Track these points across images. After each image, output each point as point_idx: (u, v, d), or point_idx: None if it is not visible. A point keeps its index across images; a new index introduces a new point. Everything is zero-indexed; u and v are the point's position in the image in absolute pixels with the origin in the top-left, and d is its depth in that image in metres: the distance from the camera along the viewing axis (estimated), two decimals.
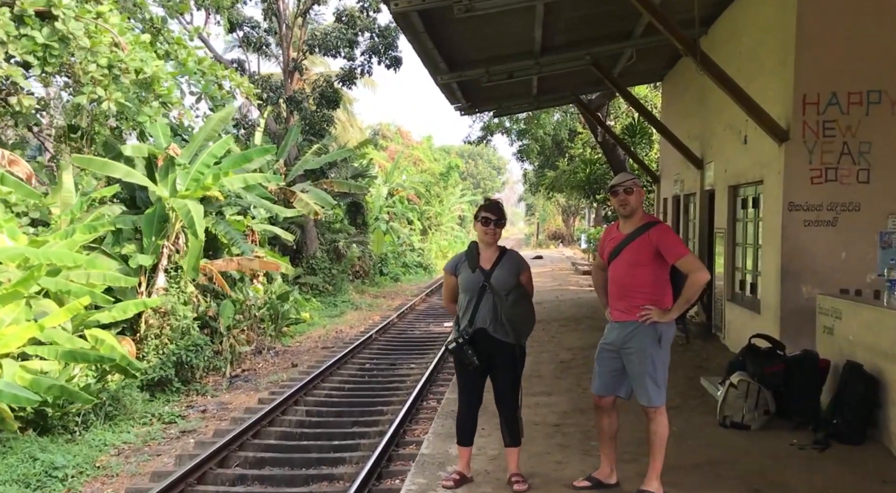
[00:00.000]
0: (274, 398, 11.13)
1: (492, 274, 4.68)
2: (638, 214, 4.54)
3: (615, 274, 4.55)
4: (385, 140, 43.06)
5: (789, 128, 7.32)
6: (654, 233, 4.43)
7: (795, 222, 7.29)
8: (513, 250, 4.92)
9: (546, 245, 50.51)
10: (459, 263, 4.82)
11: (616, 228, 4.65)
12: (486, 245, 4.79)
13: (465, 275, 4.74)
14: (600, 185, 18.36)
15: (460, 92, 12.61)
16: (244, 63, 24.53)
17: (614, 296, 4.57)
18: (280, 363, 15.23)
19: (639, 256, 4.43)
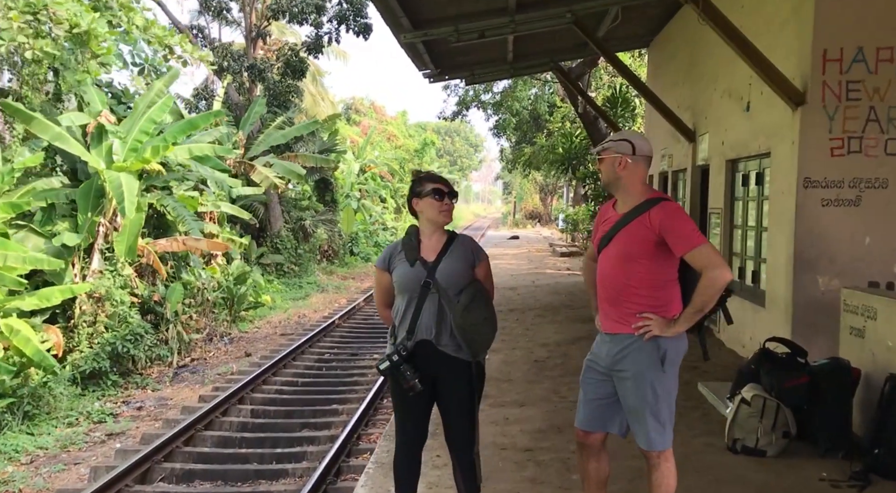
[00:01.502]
0: (216, 395, 9.97)
1: (437, 268, 3.54)
2: (633, 188, 3.37)
3: (604, 269, 3.43)
4: (358, 115, 41.62)
5: (806, 90, 6.20)
6: (656, 214, 3.25)
7: (812, 202, 6.19)
8: (464, 236, 3.77)
9: (523, 225, 49.37)
10: (393, 254, 3.66)
11: (611, 208, 3.52)
12: (433, 229, 3.65)
13: (401, 270, 3.59)
14: (580, 160, 17.26)
15: (428, 55, 11.37)
16: (204, 30, 23.01)
17: (604, 299, 3.44)
18: (233, 352, 14.06)
19: (634, 245, 3.29)
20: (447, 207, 3.60)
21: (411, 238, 3.66)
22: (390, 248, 3.73)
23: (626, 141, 3.40)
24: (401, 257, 3.62)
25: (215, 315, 15.30)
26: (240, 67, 21.78)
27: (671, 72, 11.41)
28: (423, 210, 3.62)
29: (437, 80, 13.09)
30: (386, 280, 3.67)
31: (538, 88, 26.19)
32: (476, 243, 3.76)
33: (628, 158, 3.36)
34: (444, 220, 3.61)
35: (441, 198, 3.58)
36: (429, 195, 3.59)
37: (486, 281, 3.68)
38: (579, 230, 24.15)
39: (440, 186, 3.59)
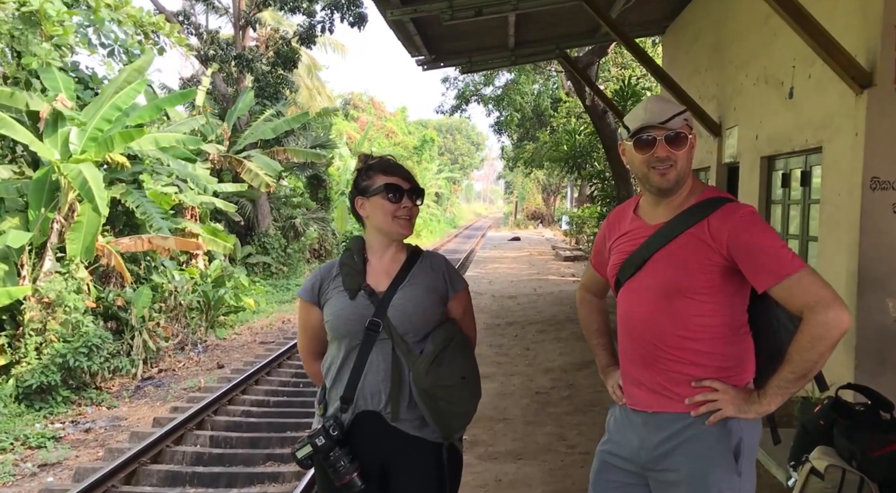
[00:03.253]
0: (174, 417, 8.79)
1: (390, 301, 2.36)
2: (685, 186, 2.22)
3: (634, 312, 2.23)
4: (357, 110, 40.40)
5: (874, 69, 4.99)
6: (722, 222, 2.09)
7: (880, 207, 4.98)
8: (434, 253, 2.60)
9: (525, 225, 48.10)
10: (326, 280, 2.48)
11: (632, 212, 2.35)
12: (385, 244, 2.46)
13: (337, 305, 2.39)
14: (585, 158, 16.03)
15: (420, 38, 10.19)
16: (191, 16, 21.82)
17: (633, 358, 2.26)
18: (205, 363, 12.89)
19: (688, 272, 2.12)
20: (407, 212, 2.40)
21: (353, 256, 2.46)
22: (322, 270, 2.53)
23: (686, 111, 2.25)
24: (337, 285, 2.43)
25: (189, 321, 14.13)
26: (227, 56, 20.61)
27: (692, 59, 10.20)
28: (371, 215, 2.43)
29: (431, 68, 11.91)
30: (314, 319, 2.47)
31: (541, 83, 24.98)
32: (450, 265, 2.57)
33: (695, 135, 2.25)
34: (400, 231, 2.42)
35: (398, 198, 2.38)
36: (379, 194, 2.39)
37: (465, 321, 2.50)
38: (584, 232, 22.92)
39: (396, 180, 2.39)
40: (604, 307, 2.64)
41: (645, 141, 2.17)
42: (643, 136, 2.18)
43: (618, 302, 2.32)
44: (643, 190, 2.31)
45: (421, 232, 39.79)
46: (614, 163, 13.57)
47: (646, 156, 2.17)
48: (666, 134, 2.15)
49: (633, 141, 2.20)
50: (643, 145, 2.18)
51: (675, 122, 2.16)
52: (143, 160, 12.72)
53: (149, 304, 12.50)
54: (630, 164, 2.27)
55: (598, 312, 2.63)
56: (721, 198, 2.19)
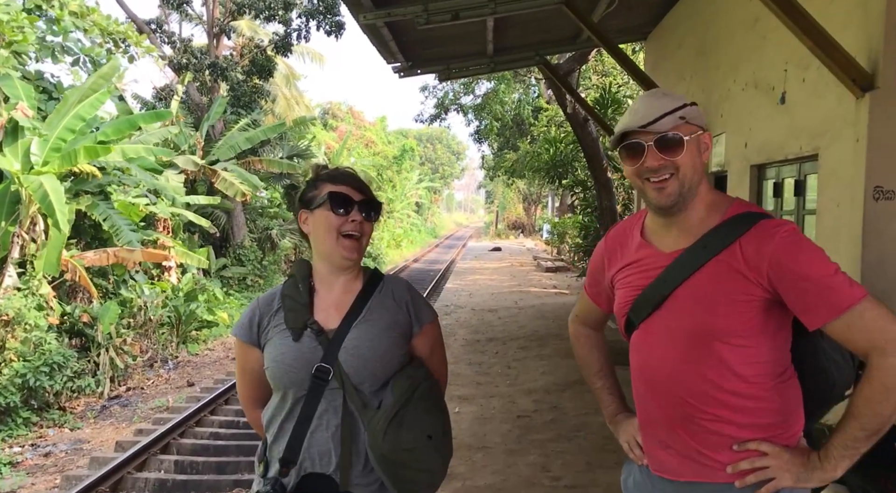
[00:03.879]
0: (137, 441, 8.34)
1: (342, 342, 1.97)
2: (698, 200, 1.83)
3: (654, 361, 1.86)
4: (335, 120, 39.96)
5: (876, 71, 4.69)
6: (760, 244, 1.72)
7: (885, 218, 4.66)
8: (396, 279, 2.19)
9: (506, 235, 47.79)
10: (265, 315, 2.07)
11: (639, 236, 1.95)
12: (336, 270, 2.07)
13: (278, 346, 1.99)
14: (566, 168, 15.72)
15: (395, 44, 9.84)
16: (163, 24, 21.36)
17: (656, 416, 1.88)
18: (175, 380, 12.42)
19: (720, 311, 1.75)
20: (356, 228, 2.00)
21: (298, 286, 2.07)
22: (261, 302, 2.11)
23: (696, 104, 1.86)
24: (278, 322, 2.03)
25: (159, 337, 13.66)
26: (201, 65, 20.16)
27: (676, 65, 9.93)
28: (314, 232, 2.05)
29: (408, 75, 11.54)
30: (253, 362, 2.07)
31: (521, 92, 24.72)
32: (415, 293, 2.17)
33: (708, 135, 1.85)
34: (344, 254, 2.01)
35: (345, 210, 1.99)
36: (322, 205, 2.00)
37: (433, 360, 2.11)
38: (566, 242, 22.61)
39: (344, 188, 2.00)
40: (604, 342, 2.26)
41: (631, 149, 1.80)
42: (628, 142, 1.81)
43: (631, 347, 1.93)
44: (648, 210, 1.93)
45: (401, 242, 39.36)
46: (596, 172, 13.27)
47: (635, 166, 1.79)
48: (656, 138, 1.76)
49: (618, 150, 1.84)
50: (630, 154, 1.81)
51: (663, 122, 1.76)
52: (109, 171, 12.24)
53: (116, 320, 12.05)
54: (626, 176, 1.90)
55: (599, 349, 2.24)
56: (752, 213, 1.78)
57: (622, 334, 1.98)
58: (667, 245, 1.86)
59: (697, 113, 1.83)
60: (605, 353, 2.24)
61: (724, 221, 1.79)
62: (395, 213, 40.70)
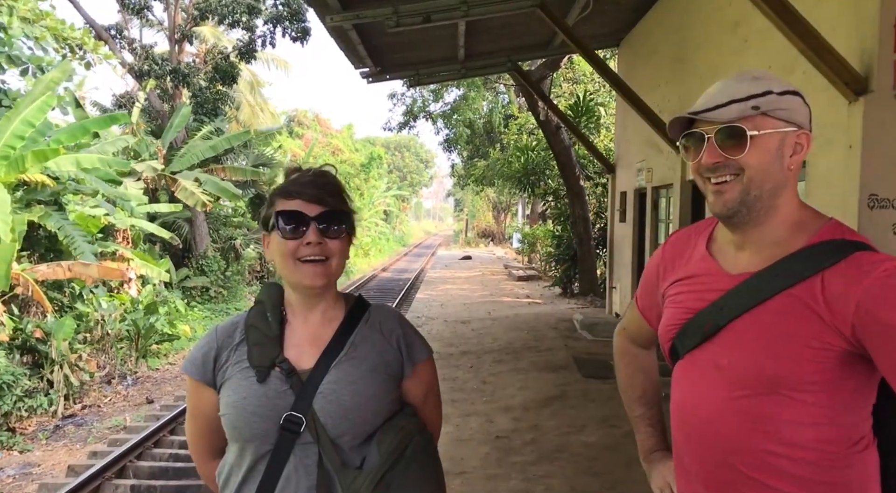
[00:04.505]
0: (91, 465, 7.88)
1: (318, 386, 1.63)
2: (779, 214, 1.50)
3: (696, 404, 1.54)
4: (301, 128, 39.49)
5: (870, 74, 4.49)
6: (849, 281, 1.37)
7: (880, 227, 4.46)
8: (383, 308, 1.82)
9: (475, 243, 47.59)
10: (224, 349, 1.70)
11: (704, 247, 1.64)
12: (311, 299, 1.72)
13: (239, 390, 1.65)
14: (539, 176, 15.52)
15: (364, 48, 9.55)
16: (123, 30, 20.80)
17: (694, 470, 1.56)
18: (134, 397, 11.91)
19: (784, 357, 1.41)
20: (316, 251, 1.63)
21: (266, 314, 1.72)
22: (220, 332, 1.75)
23: (797, 95, 1.51)
24: (240, 358, 1.68)
25: (117, 352, 13.13)
26: (163, 71, 19.65)
27: (651, 72, 9.75)
28: (273, 259, 1.70)
29: (377, 80, 11.26)
30: (207, 405, 1.72)
31: (491, 101, 24.55)
32: (407, 325, 1.80)
33: (805, 135, 1.51)
34: (304, 282, 1.66)
35: (296, 232, 1.63)
36: (278, 227, 1.66)
37: (427, 406, 1.78)
38: (537, 251, 22.41)
39: (293, 205, 1.64)
40: (653, 365, 1.93)
41: (691, 139, 1.50)
42: (689, 131, 1.51)
43: (672, 382, 1.62)
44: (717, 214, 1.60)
45: (370, 251, 38.95)
46: (569, 180, 13.08)
47: (695, 162, 1.50)
48: (717, 130, 1.45)
49: (681, 140, 1.53)
50: (688, 146, 1.52)
51: (729, 110, 1.43)
52: (64, 181, 11.74)
53: (72, 335, 11.53)
54: (692, 173, 1.59)
55: (645, 371, 1.91)
56: (847, 242, 1.44)
57: (667, 359, 1.68)
58: (734, 265, 1.54)
59: (789, 105, 1.47)
60: (653, 378, 1.92)
61: (808, 246, 1.45)
62: (363, 221, 40.28)
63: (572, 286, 15.33)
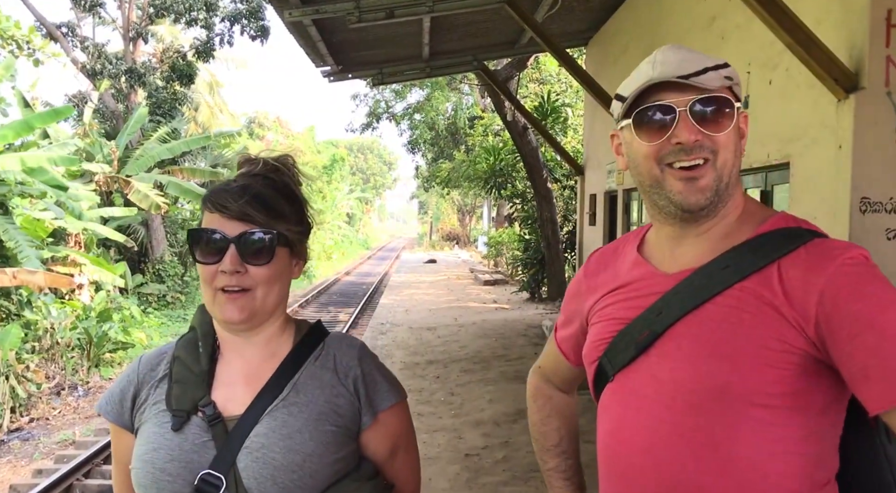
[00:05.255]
0: (35, 484, 7.40)
1: (245, 440, 1.28)
2: (732, 203, 1.25)
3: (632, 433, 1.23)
4: (262, 129, 38.86)
5: (860, 70, 4.26)
6: (811, 269, 1.13)
7: (872, 232, 4.23)
8: (342, 339, 1.43)
9: (440, 247, 47.27)
10: (143, 385, 1.37)
11: (635, 252, 1.35)
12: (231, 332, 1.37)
13: (150, 438, 1.31)
14: (506, 178, 15.26)
15: (325, 45, 9.18)
16: (75, 27, 20.13)
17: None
18: (85, 409, 11.39)
19: (740, 361, 1.13)
20: (233, 281, 1.29)
21: (198, 345, 1.38)
22: (143, 363, 1.42)
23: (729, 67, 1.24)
24: (159, 398, 1.35)
25: (68, 362, 12.59)
26: (117, 71, 19.03)
27: (621, 71, 9.47)
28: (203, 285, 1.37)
29: (339, 79, 10.90)
30: (126, 451, 1.37)
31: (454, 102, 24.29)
32: (372, 362, 1.42)
33: (745, 117, 1.27)
34: (220, 315, 1.32)
35: (211, 255, 1.30)
36: (198, 252, 1.34)
37: (396, 465, 1.43)
38: (503, 255, 22.16)
39: (213, 221, 1.31)
40: (571, 410, 1.63)
41: (655, 116, 1.20)
42: (652, 105, 1.20)
43: (599, 412, 1.33)
44: (654, 216, 1.32)
45: (332, 254, 38.42)
46: (536, 182, 12.84)
47: (657, 143, 1.20)
48: (692, 101, 1.18)
49: (632, 118, 1.23)
50: (652, 124, 1.20)
51: (709, 77, 1.18)
52: (10, 183, 11.18)
53: (19, 344, 11.03)
54: (632, 166, 1.28)
55: (561, 416, 1.60)
56: (804, 230, 1.21)
57: (591, 393, 1.37)
58: (672, 264, 1.27)
59: (739, 80, 1.25)
60: (570, 424, 1.61)
61: (760, 234, 1.21)
62: (326, 224, 39.78)
63: (540, 291, 15.10)
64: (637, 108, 1.21)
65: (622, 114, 1.25)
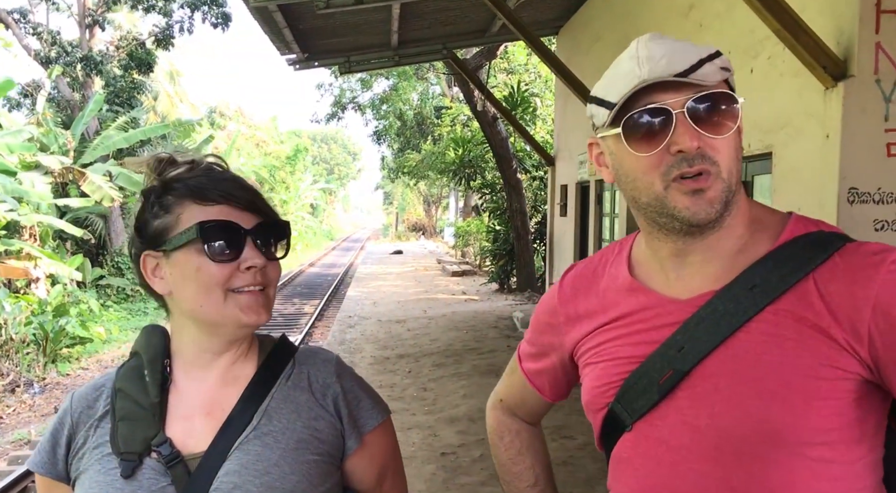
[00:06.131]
0: None
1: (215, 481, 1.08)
2: (739, 212, 1.08)
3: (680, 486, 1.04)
4: (224, 118, 38.19)
5: (849, 58, 4.16)
6: (855, 280, 0.98)
7: (861, 224, 4.13)
8: (315, 353, 1.24)
9: (406, 237, 47.04)
10: (80, 427, 1.14)
11: (627, 273, 1.17)
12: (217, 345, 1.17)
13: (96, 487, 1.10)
14: (475, 169, 15.09)
15: (290, 32, 8.92)
16: (28, 13, 19.50)
17: None
18: (42, 407, 11.05)
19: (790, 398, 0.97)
20: (257, 279, 1.12)
21: (144, 374, 1.16)
22: (76, 401, 1.19)
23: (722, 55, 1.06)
24: (101, 440, 1.13)
25: (23, 358, 12.21)
26: (72, 59, 18.46)
27: (593, 61, 9.39)
28: (178, 291, 1.14)
29: (304, 68, 10.63)
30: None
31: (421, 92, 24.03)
32: (349, 375, 1.23)
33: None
34: (244, 321, 1.11)
35: (230, 251, 1.10)
36: (189, 246, 1.10)
37: (383, 492, 1.25)
38: (471, 246, 22.02)
39: (222, 213, 1.10)
40: (541, 443, 1.44)
41: (647, 122, 1.03)
42: (642, 109, 1.03)
43: (616, 465, 1.15)
44: (650, 233, 1.13)
45: (296, 246, 37.98)
46: (506, 172, 12.70)
47: (654, 153, 1.03)
48: (690, 101, 1.02)
49: (621, 127, 1.05)
50: (646, 132, 1.03)
51: (706, 71, 1.02)
52: None
53: None
54: (624, 180, 1.10)
55: (534, 452, 1.41)
56: (829, 234, 1.08)
57: (596, 439, 1.20)
58: (681, 287, 1.10)
59: (733, 70, 1.09)
60: (544, 459, 1.42)
61: (782, 245, 1.06)
62: (289, 215, 39.30)
63: (509, 282, 14.99)
64: (625, 114, 1.04)
65: (608, 122, 1.07)
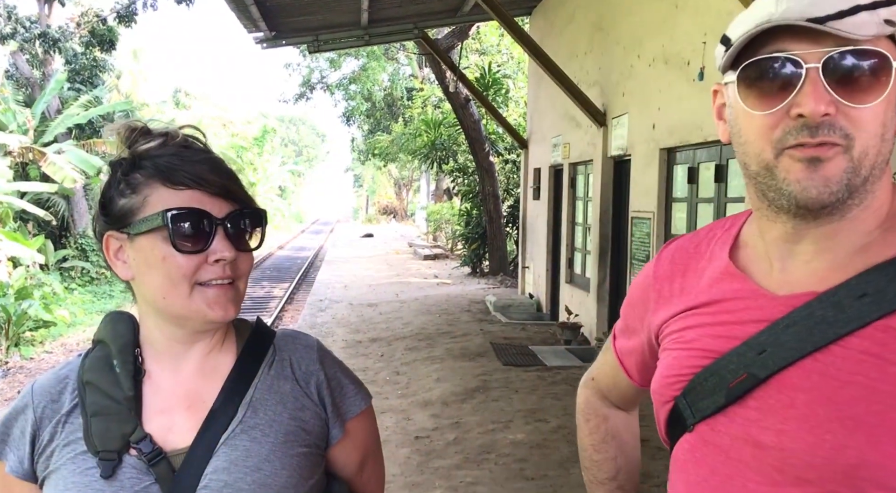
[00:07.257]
0: None
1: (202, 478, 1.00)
2: (874, 201, 0.89)
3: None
4: (189, 98, 37.52)
5: None
6: None
7: None
8: (294, 337, 1.17)
9: (377, 220, 46.77)
10: (44, 422, 1.04)
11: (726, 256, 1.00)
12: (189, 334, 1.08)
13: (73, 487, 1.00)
14: (447, 151, 14.95)
15: (257, 9, 8.70)
16: None
17: None
18: (4, 391, 10.84)
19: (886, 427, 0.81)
20: (225, 272, 1.03)
21: (114, 364, 1.06)
22: (37, 393, 1.08)
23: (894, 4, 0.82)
24: (72, 437, 1.04)
25: None
26: (30, 35, 17.92)
27: (567, 42, 9.30)
28: (141, 277, 1.05)
29: (272, 46, 10.42)
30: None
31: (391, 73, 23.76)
32: (330, 361, 1.17)
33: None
34: (209, 316, 1.03)
35: (198, 241, 1.01)
36: (155, 230, 1.01)
37: (364, 477, 1.20)
38: (442, 229, 21.92)
39: (192, 199, 1.02)
40: (632, 433, 1.31)
41: (771, 74, 0.85)
42: (767, 57, 0.86)
43: (673, 467, 1.03)
44: (759, 210, 0.96)
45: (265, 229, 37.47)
46: (478, 155, 12.60)
47: (770, 112, 0.86)
48: (828, 56, 0.83)
49: (737, 74, 0.89)
50: (765, 85, 0.86)
51: (860, 20, 0.81)
52: None
53: None
54: (736, 141, 0.92)
55: (619, 441, 1.28)
56: None
57: (661, 433, 1.07)
58: (781, 281, 0.93)
59: None
60: (630, 453, 1.29)
61: None
62: (258, 197, 38.81)
63: (482, 265, 14.95)
64: (747, 59, 0.88)
65: (727, 64, 0.91)
